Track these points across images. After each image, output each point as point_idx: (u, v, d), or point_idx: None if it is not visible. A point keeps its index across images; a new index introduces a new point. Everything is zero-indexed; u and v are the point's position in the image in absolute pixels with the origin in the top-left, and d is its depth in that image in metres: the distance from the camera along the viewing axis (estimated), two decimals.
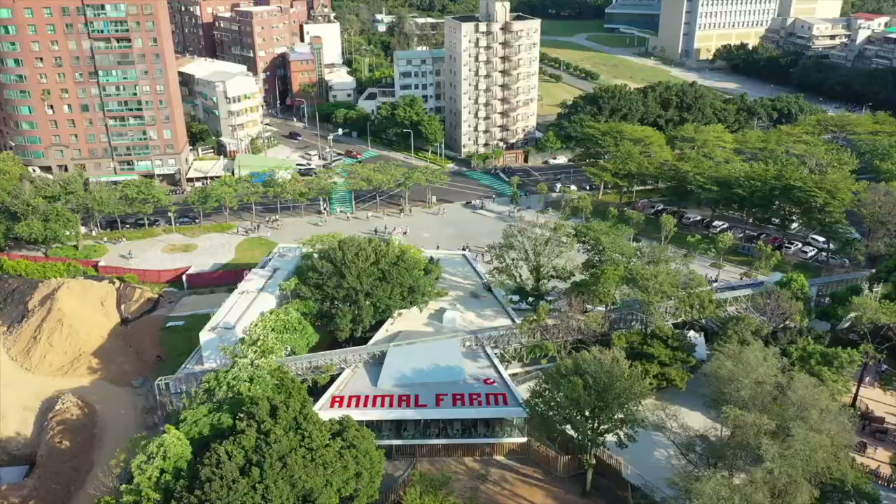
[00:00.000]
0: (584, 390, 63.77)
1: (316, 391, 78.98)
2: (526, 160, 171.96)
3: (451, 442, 76.34)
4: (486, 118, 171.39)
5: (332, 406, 75.54)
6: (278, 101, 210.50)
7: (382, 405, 76.03)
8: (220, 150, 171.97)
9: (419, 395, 76.92)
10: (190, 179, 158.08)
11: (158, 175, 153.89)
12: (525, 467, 75.27)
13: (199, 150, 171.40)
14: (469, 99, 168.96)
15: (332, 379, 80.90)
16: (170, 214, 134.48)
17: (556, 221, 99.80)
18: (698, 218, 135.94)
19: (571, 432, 67.80)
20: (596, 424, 66.00)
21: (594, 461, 69.46)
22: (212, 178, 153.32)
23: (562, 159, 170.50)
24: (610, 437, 67.68)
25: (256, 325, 79.75)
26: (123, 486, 61.15)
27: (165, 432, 62.84)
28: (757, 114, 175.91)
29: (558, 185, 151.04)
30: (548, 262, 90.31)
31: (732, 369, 55.68)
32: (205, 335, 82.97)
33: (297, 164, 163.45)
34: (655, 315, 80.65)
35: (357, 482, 62.96)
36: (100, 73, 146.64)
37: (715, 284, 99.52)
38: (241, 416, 64.55)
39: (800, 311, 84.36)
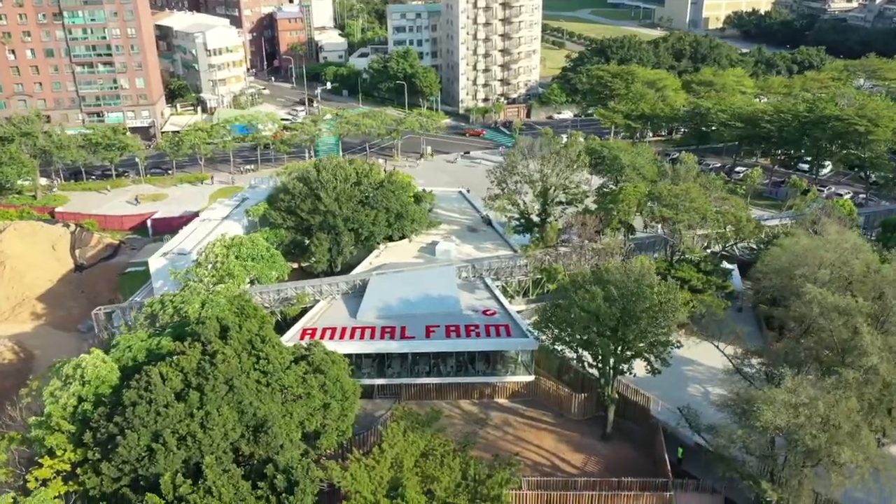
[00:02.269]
0: (605, 301, 51.50)
1: (285, 327, 66.79)
2: (528, 115, 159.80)
3: (444, 381, 64.07)
4: (486, 70, 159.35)
5: (301, 339, 63.27)
6: (265, 63, 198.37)
7: (362, 337, 63.78)
8: (201, 106, 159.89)
9: (406, 326, 64.60)
10: (165, 133, 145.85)
11: (131, 128, 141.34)
12: (532, 410, 62.98)
13: (178, 106, 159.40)
14: (467, 49, 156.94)
15: (304, 312, 68.77)
16: (137, 160, 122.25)
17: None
18: (718, 165, 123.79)
19: (588, 358, 55.44)
20: (620, 348, 53.62)
21: (616, 396, 57.19)
22: None
23: (567, 114, 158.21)
24: (637, 370, 55.41)
25: (214, 244, 67.51)
26: (32, 418, 48.93)
27: None
28: (776, 66, 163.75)
29: (564, 137, 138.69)
30: (557, 183, 77.96)
31: (809, 245, 43.35)
32: (155, 262, 70.90)
33: (283, 119, 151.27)
34: (685, 236, 68.45)
35: (325, 414, 50.77)
36: (65, 14, 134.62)
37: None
38: (186, 339, 52.48)
39: None
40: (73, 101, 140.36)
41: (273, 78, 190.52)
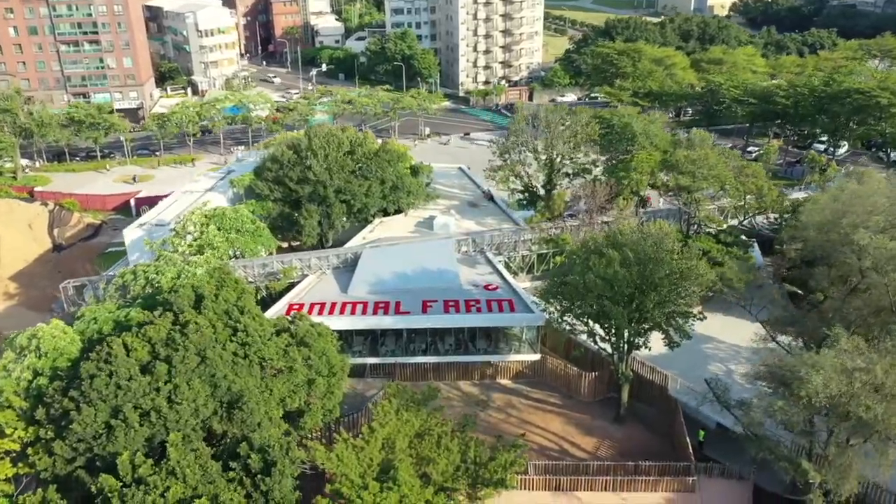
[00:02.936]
0: (621, 266, 46.40)
1: (270, 303, 61.63)
2: (531, 98, 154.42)
3: (441, 360, 58.93)
4: (487, 52, 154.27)
5: (287, 315, 58.12)
6: (259, 48, 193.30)
7: (353, 312, 58.65)
8: (192, 89, 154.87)
9: (401, 301, 59.49)
10: (154, 115, 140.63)
11: (119, 110, 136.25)
12: (537, 391, 57.90)
13: (168, 89, 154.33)
14: (468, 30, 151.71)
15: (291, 288, 63.67)
16: (122, 139, 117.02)
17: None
18: (730, 146, 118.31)
19: (599, 331, 50.20)
20: (636, 319, 48.33)
21: (631, 374, 52.11)
22: None
23: (570, 97, 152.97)
24: (653, 347, 50.15)
25: (193, 213, 62.39)
26: None
27: None
28: (786, 48, 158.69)
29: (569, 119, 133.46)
30: (564, 151, 72.95)
31: (858, 191, 38.23)
32: (131, 233, 65.81)
33: (276, 101, 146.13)
34: (703, 204, 63.44)
35: (309, 391, 45.70)
36: None
37: None
38: (157, 309, 47.44)
39: None
40: (59, 81, 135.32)
41: (266, 62, 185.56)
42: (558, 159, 73.53)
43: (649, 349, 49.31)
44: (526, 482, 45.62)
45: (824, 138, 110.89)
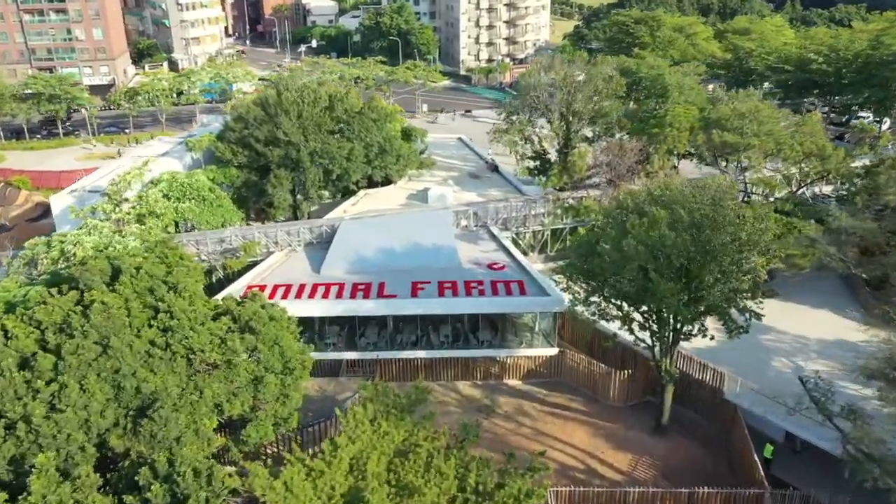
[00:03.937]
0: (670, 229, 34.92)
1: (227, 284, 50.28)
2: None
3: (435, 355, 47.41)
4: (490, 27, 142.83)
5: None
6: (248, 29, 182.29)
7: (326, 296, 47.20)
8: (171, 67, 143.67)
9: (385, 282, 48.14)
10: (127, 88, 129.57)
11: (89, 86, 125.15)
12: (555, 394, 46.37)
13: (146, 66, 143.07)
14: (469, 2, 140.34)
15: (253, 267, 52.33)
16: (85, 111, 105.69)
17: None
18: None
19: (637, 315, 38.68)
20: (688, 300, 36.73)
21: (677, 372, 40.61)
22: None
23: (581, 77, 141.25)
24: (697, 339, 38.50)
25: (129, 172, 51.04)
26: None
27: None
28: (813, 24, 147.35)
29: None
30: (583, 109, 61.85)
31: None
32: (59, 200, 54.51)
33: (262, 79, 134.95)
34: (756, 164, 52.04)
35: (257, 392, 34.23)
36: None
37: None
38: (63, 286, 36.12)
39: None
40: (22, 54, 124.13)
41: (248, 42, 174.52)
42: (575, 120, 62.24)
43: (712, 337, 37.56)
44: None
45: (862, 114, 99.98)
